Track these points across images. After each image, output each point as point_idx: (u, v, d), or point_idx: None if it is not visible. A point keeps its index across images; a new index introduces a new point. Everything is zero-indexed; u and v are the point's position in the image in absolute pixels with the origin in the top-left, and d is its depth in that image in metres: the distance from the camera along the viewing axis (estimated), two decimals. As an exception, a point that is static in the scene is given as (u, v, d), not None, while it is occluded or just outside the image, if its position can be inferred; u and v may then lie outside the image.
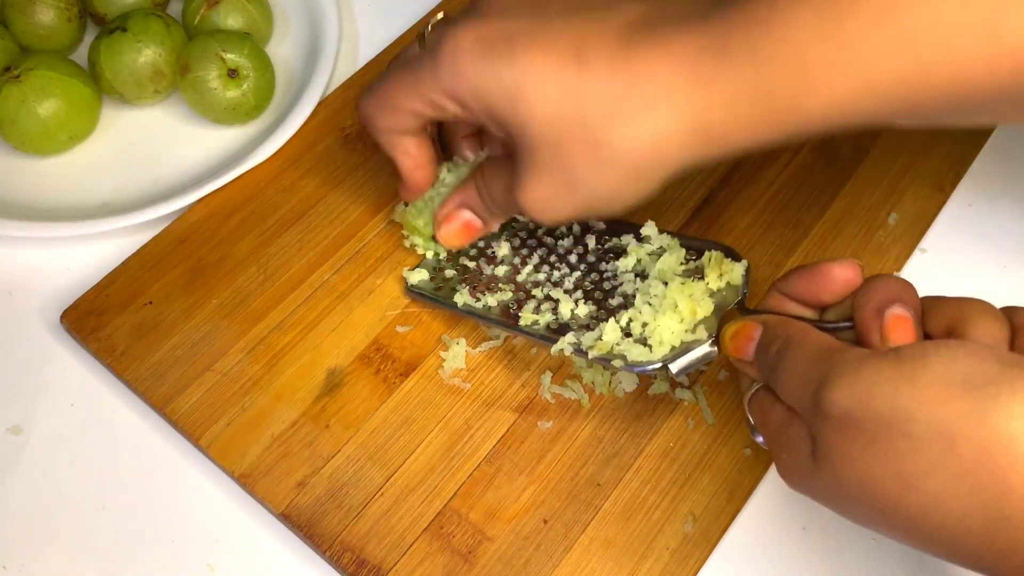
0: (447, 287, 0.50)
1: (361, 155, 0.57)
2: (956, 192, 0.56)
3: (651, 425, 0.48)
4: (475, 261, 0.51)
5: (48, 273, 0.54)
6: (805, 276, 0.41)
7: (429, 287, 0.51)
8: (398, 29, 0.63)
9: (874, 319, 0.37)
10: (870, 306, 0.38)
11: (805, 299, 0.41)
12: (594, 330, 0.46)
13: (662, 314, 0.44)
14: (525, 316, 0.47)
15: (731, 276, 0.45)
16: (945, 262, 0.54)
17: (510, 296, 0.49)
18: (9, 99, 0.55)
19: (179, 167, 0.58)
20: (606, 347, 0.44)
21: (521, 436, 0.47)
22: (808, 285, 0.40)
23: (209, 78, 0.56)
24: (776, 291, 0.42)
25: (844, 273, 0.39)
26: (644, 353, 0.43)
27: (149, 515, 0.47)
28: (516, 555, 0.44)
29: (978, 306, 0.36)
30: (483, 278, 0.50)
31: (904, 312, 0.37)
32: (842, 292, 0.40)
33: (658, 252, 0.48)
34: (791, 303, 0.42)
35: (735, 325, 0.41)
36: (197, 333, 0.50)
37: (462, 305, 0.49)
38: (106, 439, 0.49)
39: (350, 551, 0.44)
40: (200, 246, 0.53)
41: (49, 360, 0.51)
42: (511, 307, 0.48)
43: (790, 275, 0.41)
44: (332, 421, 0.48)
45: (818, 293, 0.40)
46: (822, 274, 0.40)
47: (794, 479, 0.37)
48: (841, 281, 0.40)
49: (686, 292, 0.44)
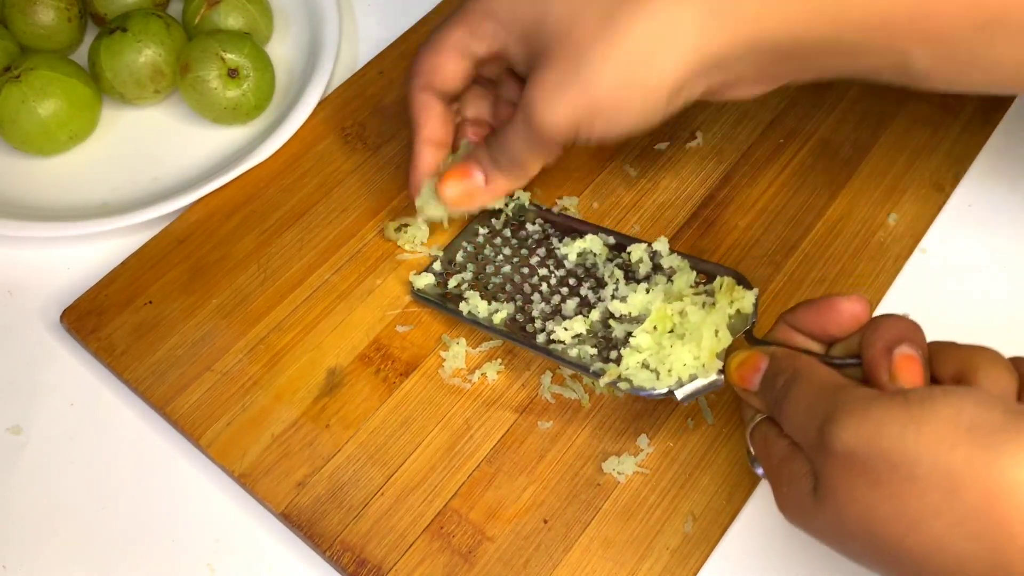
0: (453, 293, 0.50)
1: (361, 155, 0.57)
2: (956, 192, 0.56)
3: (651, 425, 0.48)
4: (482, 267, 0.51)
5: (48, 273, 0.54)
6: (812, 309, 0.40)
7: (435, 292, 0.50)
8: (398, 29, 0.63)
9: (883, 357, 0.37)
10: (879, 344, 0.37)
11: (812, 332, 0.41)
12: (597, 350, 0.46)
13: (680, 343, 0.43)
14: (530, 328, 0.47)
15: (742, 304, 0.44)
16: (945, 262, 0.54)
17: (514, 308, 0.49)
18: (9, 99, 0.55)
19: (179, 167, 0.58)
20: (616, 373, 0.44)
21: (521, 436, 0.47)
22: (816, 318, 0.40)
23: (209, 78, 0.56)
24: (784, 323, 0.42)
25: (851, 308, 0.39)
26: (650, 379, 0.43)
27: (149, 515, 0.47)
28: (516, 555, 0.44)
29: (988, 355, 0.36)
30: (491, 287, 0.50)
31: (913, 352, 0.37)
32: (849, 326, 0.40)
33: (667, 272, 0.48)
34: (799, 336, 0.41)
35: (742, 355, 0.41)
36: (197, 333, 0.50)
37: (467, 314, 0.49)
38: (106, 439, 0.49)
39: (350, 551, 0.44)
40: (200, 246, 0.53)
41: (49, 360, 0.51)
42: (517, 318, 0.48)
43: (798, 308, 0.41)
44: (332, 421, 0.48)
45: (826, 327, 0.40)
46: (830, 308, 0.40)
47: (793, 514, 0.37)
48: (848, 315, 0.39)
49: (710, 325, 0.43)
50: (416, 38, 0.62)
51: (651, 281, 0.47)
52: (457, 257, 0.52)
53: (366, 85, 0.60)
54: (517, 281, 0.50)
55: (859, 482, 0.33)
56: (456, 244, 0.52)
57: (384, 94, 0.60)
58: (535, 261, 0.51)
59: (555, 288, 0.49)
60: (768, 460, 0.38)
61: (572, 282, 0.49)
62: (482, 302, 0.49)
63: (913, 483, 0.31)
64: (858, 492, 0.33)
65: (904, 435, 0.32)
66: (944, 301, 0.52)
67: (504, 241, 0.52)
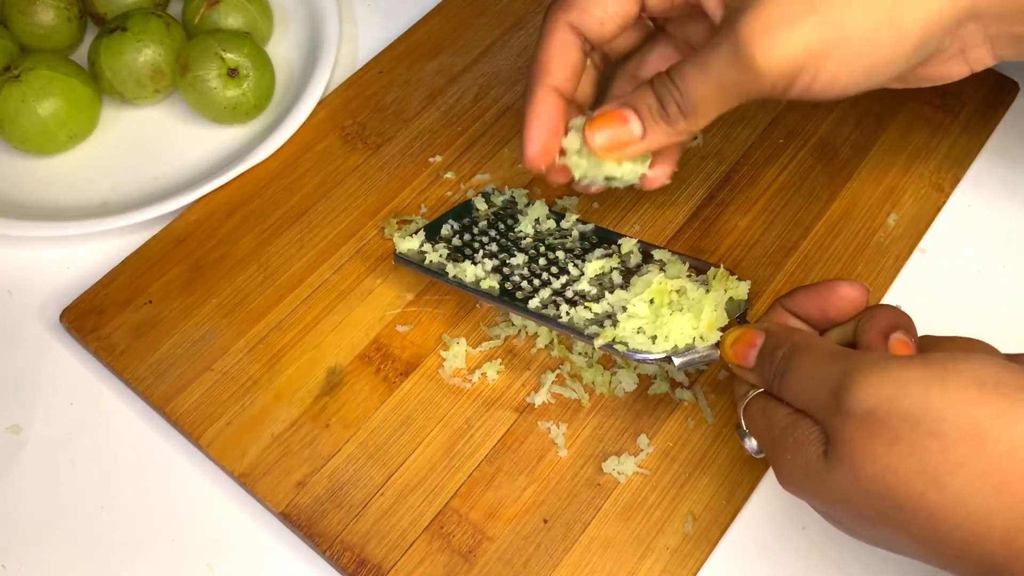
0: (435, 261, 0.49)
1: (361, 155, 0.57)
2: (956, 192, 0.56)
3: (651, 425, 0.48)
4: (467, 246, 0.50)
5: (48, 272, 0.54)
6: (813, 292, 0.41)
7: (417, 257, 0.49)
8: (398, 29, 0.63)
9: (879, 341, 0.37)
10: (876, 329, 0.38)
11: (811, 316, 0.41)
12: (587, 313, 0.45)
13: (680, 313, 0.43)
14: (520, 294, 0.47)
15: (735, 292, 0.44)
16: (945, 262, 0.54)
17: (501, 277, 0.48)
18: (9, 99, 0.54)
19: (179, 166, 0.58)
20: (611, 335, 0.43)
21: (521, 436, 0.47)
22: (816, 301, 0.41)
23: (209, 78, 0.56)
24: (780, 307, 0.42)
25: (852, 292, 0.40)
26: (646, 343, 0.43)
27: (149, 515, 0.47)
28: (516, 555, 0.44)
29: (980, 347, 0.37)
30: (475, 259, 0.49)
31: (908, 339, 0.37)
32: (848, 310, 0.40)
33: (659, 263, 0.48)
34: (795, 320, 0.42)
35: (736, 332, 0.41)
36: (197, 332, 0.50)
37: (452, 277, 0.48)
38: (106, 438, 0.49)
39: (350, 551, 0.44)
40: (200, 245, 0.53)
41: (49, 359, 0.51)
42: (505, 286, 0.48)
43: (797, 291, 0.41)
44: (332, 420, 0.48)
45: (826, 310, 0.40)
46: (831, 291, 0.40)
47: (797, 480, 0.37)
48: (848, 299, 0.40)
49: (711, 300, 0.43)
50: (416, 38, 0.63)
51: (641, 271, 0.47)
52: (442, 231, 0.51)
53: (366, 85, 0.60)
54: (502, 255, 0.49)
55: (879, 440, 0.33)
56: (442, 219, 0.51)
57: (384, 94, 0.60)
58: (524, 240, 0.50)
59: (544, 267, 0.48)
60: (768, 432, 0.38)
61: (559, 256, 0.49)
62: (470, 266, 0.48)
63: (936, 439, 0.31)
64: (878, 451, 0.33)
65: (928, 392, 0.32)
66: (944, 301, 0.52)
67: (490, 225, 0.51)
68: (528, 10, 0.64)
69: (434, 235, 0.51)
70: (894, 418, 0.32)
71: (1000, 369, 0.32)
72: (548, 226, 0.51)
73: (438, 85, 0.60)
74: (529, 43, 0.62)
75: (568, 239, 0.50)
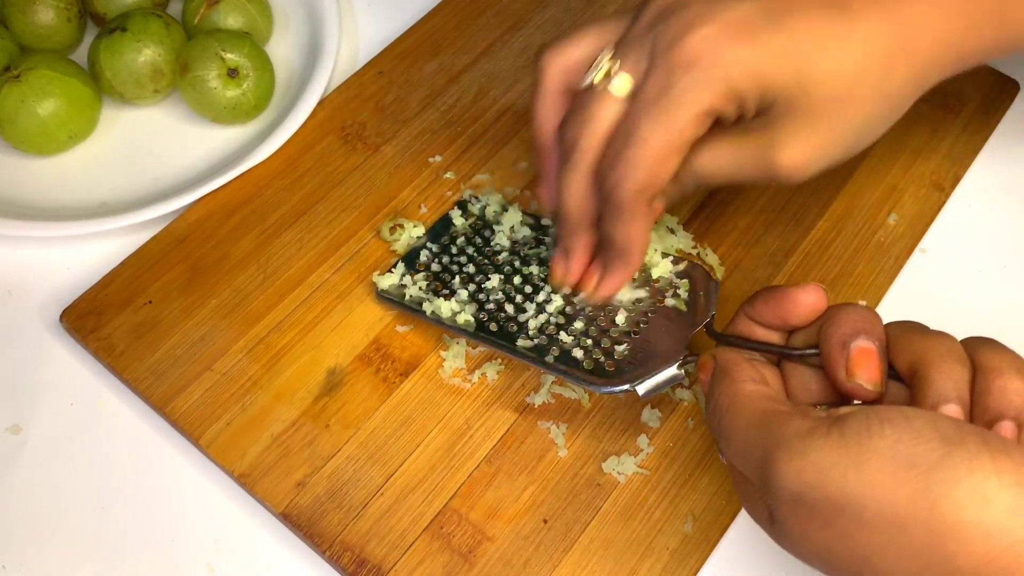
0: (415, 296, 0.50)
1: (361, 155, 0.57)
2: (956, 192, 0.56)
3: (651, 425, 0.47)
4: (444, 272, 0.51)
5: (48, 273, 0.54)
6: (770, 301, 0.41)
7: (398, 293, 0.50)
8: (398, 29, 0.63)
9: (839, 352, 0.37)
10: (835, 339, 0.38)
11: (771, 324, 0.41)
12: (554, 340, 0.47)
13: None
14: (492, 327, 0.48)
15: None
16: (945, 262, 0.54)
17: (476, 307, 0.49)
18: (9, 99, 0.54)
19: (179, 167, 0.58)
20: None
21: (521, 436, 0.47)
22: (774, 310, 0.40)
23: (209, 78, 0.56)
24: (743, 315, 0.42)
25: (807, 298, 0.40)
26: (588, 360, 0.45)
27: (149, 515, 0.47)
28: (516, 555, 0.44)
29: (941, 348, 0.36)
30: (453, 286, 0.50)
31: (869, 344, 0.37)
32: (808, 316, 0.40)
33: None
34: (759, 328, 0.41)
35: (703, 356, 0.41)
36: (197, 333, 0.50)
37: (430, 314, 0.49)
38: (105, 439, 0.49)
39: (350, 551, 0.44)
40: (200, 246, 0.53)
41: (48, 359, 0.51)
42: (479, 316, 0.48)
43: (755, 299, 0.41)
44: (332, 421, 0.48)
45: (785, 318, 0.40)
46: (787, 299, 0.40)
47: (763, 527, 0.37)
48: (805, 306, 0.40)
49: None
50: (416, 38, 0.63)
51: None
52: (420, 258, 0.51)
53: (366, 85, 0.60)
54: (478, 278, 0.50)
55: (812, 525, 0.33)
56: (418, 247, 0.52)
57: (384, 94, 0.60)
58: (499, 257, 0.51)
59: (519, 287, 0.49)
60: (730, 474, 0.39)
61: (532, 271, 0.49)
62: (445, 303, 0.49)
63: (862, 526, 0.32)
64: (812, 534, 0.33)
65: (846, 479, 0.32)
66: (944, 301, 0.52)
67: (468, 241, 0.52)
68: (528, 10, 0.64)
69: (413, 263, 0.51)
70: (821, 504, 0.32)
71: (915, 442, 0.32)
72: (524, 233, 0.51)
73: (438, 85, 0.60)
74: (529, 43, 0.62)
75: (544, 246, 0.50)
